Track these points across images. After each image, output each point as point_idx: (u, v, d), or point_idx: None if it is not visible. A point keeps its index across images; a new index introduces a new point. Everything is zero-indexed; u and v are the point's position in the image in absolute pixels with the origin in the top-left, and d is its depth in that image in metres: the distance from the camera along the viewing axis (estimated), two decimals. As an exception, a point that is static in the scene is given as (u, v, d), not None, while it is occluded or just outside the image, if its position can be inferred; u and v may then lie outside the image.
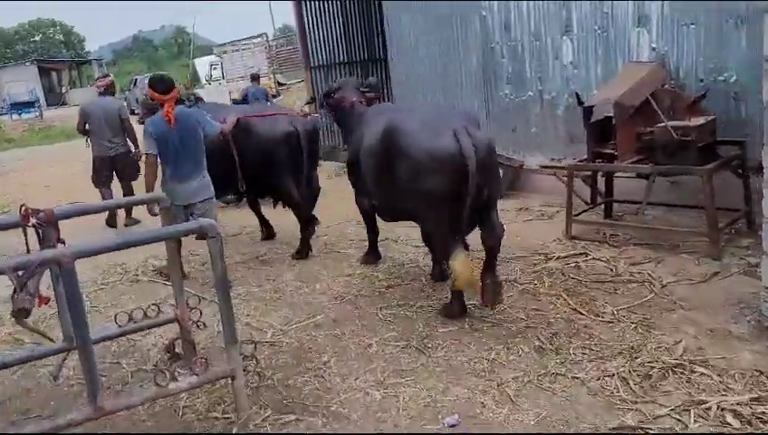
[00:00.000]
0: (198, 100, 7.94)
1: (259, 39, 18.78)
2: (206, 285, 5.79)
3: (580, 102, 6.13)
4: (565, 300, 4.77)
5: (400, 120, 4.51)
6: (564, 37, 7.09)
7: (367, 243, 6.09)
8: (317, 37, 11.51)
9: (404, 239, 6.59)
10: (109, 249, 3.14)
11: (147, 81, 5.84)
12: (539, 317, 4.55)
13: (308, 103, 9.46)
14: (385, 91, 12.11)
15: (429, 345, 4.29)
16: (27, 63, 44.81)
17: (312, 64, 11.42)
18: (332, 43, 11.70)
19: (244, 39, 19.47)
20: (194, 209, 5.40)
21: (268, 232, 7.30)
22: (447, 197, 4.19)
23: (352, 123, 5.45)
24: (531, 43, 7.45)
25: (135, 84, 27.67)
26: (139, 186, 7.82)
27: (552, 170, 6.60)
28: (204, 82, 22.31)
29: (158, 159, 5.34)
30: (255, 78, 14.33)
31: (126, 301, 5.72)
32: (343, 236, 7.09)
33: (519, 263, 5.70)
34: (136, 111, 27.24)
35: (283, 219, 7.08)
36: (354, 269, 5.96)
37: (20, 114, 33.65)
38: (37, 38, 71.53)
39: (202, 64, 22.20)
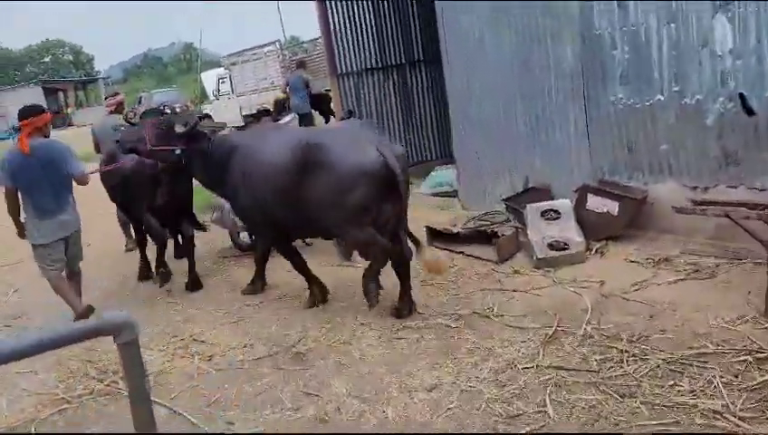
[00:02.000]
0: (206, 117, 6.61)
1: (271, 47, 16.75)
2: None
3: (748, 108, 4.12)
4: None
5: (316, 135, 4.80)
6: (718, 15, 4.93)
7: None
8: (344, 40, 9.44)
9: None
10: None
11: (153, 98, 7.16)
12: None
13: (344, 119, 7.37)
14: (428, 101, 10.06)
15: None
16: (31, 85, 43.38)
17: (338, 71, 9.34)
18: (363, 45, 9.62)
19: (255, 48, 17.44)
20: (68, 243, 5.29)
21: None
22: (375, 207, 4.50)
23: (220, 158, 5.18)
24: (662, 26, 5.29)
25: (140, 102, 25.81)
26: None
27: (720, 210, 4.40)
28: (212, 97, 20.32)
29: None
30: (302, 65, 13.78)
31: None
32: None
33: (705, 368, 3.54)
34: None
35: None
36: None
37: (22, 138, 32.09)
38: (47, 59, 71.12)
39: (209, 78, 20.23)
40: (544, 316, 4.55)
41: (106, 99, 8.43)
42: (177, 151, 5.28)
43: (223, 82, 18.86)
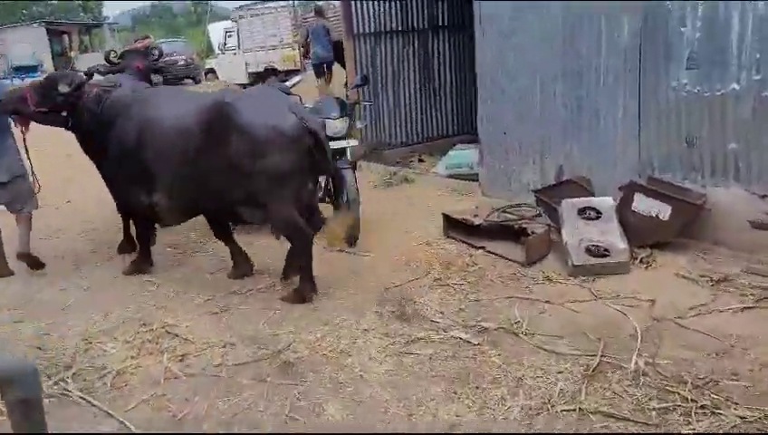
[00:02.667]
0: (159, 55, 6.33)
1: (285, 2, 15.67)
2: None
3: None
4: None
5: (231, 97, 4.33)
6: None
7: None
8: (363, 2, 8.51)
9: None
10: None
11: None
12: None
13: (358, 86, 6.53)
14: (449, 72, 9.18)
15: None
16: (35, 25, 41.98)
17: (355, 31, 8.44)
18: (383, 5, 8.69)
19: (268, 1, 16.35)
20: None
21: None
22: (296, 173, 4.20)
23: (110, 122, 4.75)
24: (748, 2, 4.43)
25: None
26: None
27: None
28: (217, 51, 19.28)
29: None
30: (319, 12, 13.25)
31: None
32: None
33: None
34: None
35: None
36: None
37: (22, 79, 31.15)
38: (54, 1, 69.46)
39: (216, 31, 19.16)
40: (584, 340, 3.79)
41: (135, 41, 7.99)
42: (64, 113, 4.90)
43: (230, 36, 17.80)
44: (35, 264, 5.39)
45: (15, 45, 37.30)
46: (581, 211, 5.07)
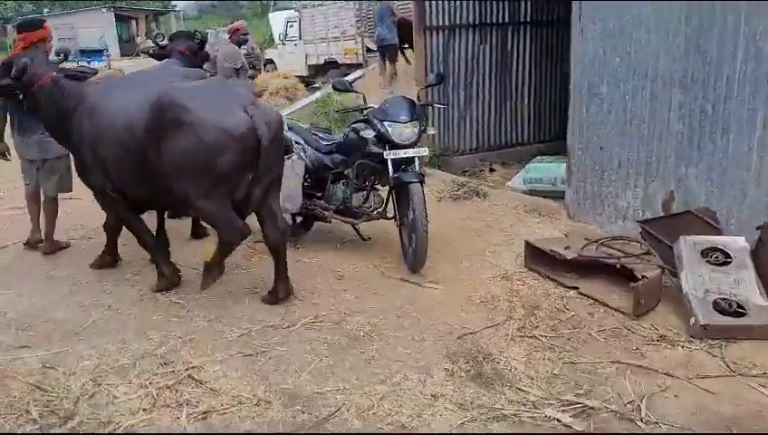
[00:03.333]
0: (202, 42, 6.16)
1: (352, 2, 14.86)
2: None
3: None
4: None
5: (176, 91, 4.03)
6: None
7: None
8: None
9: None
10: None
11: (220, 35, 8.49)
12: None
13: (432, 85, 5.68)
14: (529, 72, 8.22)
15: None
16: (104, 10, 42.78)
17: (427, 24, 7.55)
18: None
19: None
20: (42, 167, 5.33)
21: None
22: (235, 174, 3.93)
23: (67, 108, 4.53)
24: None
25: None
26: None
27: None
28: (277, 41, 18.65)
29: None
30: None
31: None
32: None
33: None
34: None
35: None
36: None
37: (88, 62, 31.66)
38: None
39: (277, 20, 18.53)
40: (727, 439, 2.84)
41: (231, 24, 8.25)
42: (20, 96, 4.73)
43: (291, 27, 17.15)
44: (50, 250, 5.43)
45: (84, 29, 38.15)
46: (705, 253, 4.07)
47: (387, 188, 5.16)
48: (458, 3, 7.76)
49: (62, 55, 5.15)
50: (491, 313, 4.16)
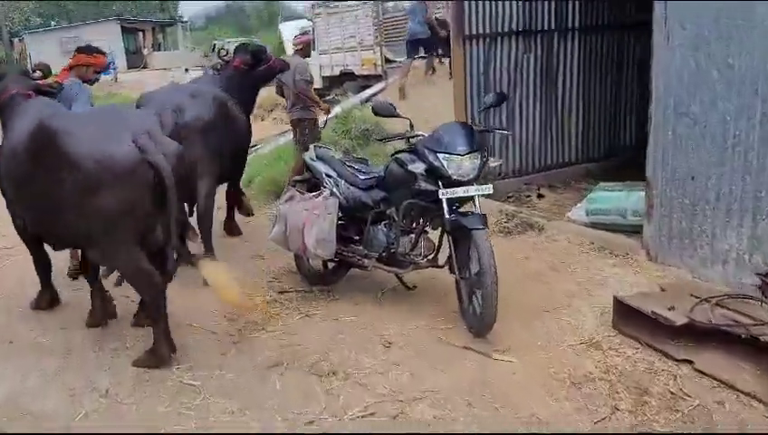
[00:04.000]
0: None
1: (369, 2, 13.96)
2: None
3: None
4: None
5: (58, 118, 3.75)
6: None
7: None
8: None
9: None
10: None
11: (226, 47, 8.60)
12: None
13: (490, 108, 4.83)
14: (578, 83, 7.35)
15: None
16: (111, 21, 42.38)
17: (466, 32, 6.69)
18: (499, 3, 6.90)
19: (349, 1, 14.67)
20: None
21: None
22: (135, 212, 3.53)
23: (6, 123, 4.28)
24: None
25: (213, 50, 23.72)
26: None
27: None
28: (289, 52, 17.81)
29: None
30: None
31: None
32: None
33: None
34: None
35: None
36: None
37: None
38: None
39: (289, 30, 17.68)
40: None
41: (295, 37, 8.00)
42: None
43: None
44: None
45: (92, 42, 37.69)
46: None
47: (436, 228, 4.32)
48: (501, 7, 6.90)
49: (38, 72, 4.92)
50: (587, 398, 3.28)
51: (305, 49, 7.73)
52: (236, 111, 5.63)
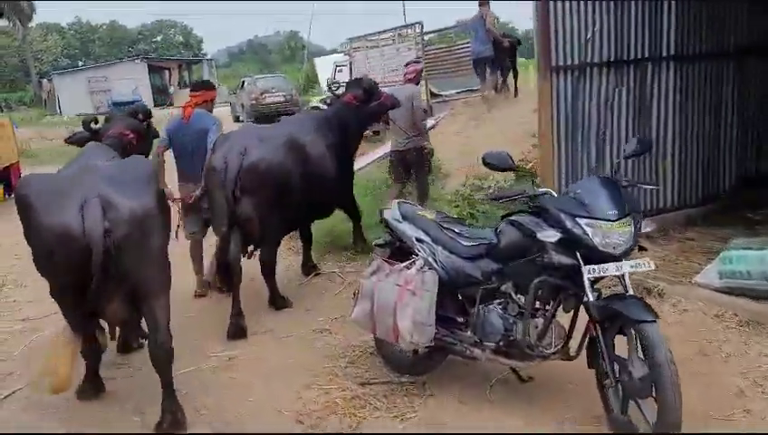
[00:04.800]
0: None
1: (411, 31, 13.21)
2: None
3: None
4: None
5: (29, 180, 3.82)
6: None
7: None
8: (566, 20, 5.89)
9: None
10: None
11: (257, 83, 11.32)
12: None
13: (634, 156, 3.91)
14: (674, 116, 6.46)
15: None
16: (137, 61, 42.61)
17: (554, 63, 5.84)
18: (590, 29, 6.03)
19: (388, 30, 13.92)
20: None
21: None
22: (70, 284, 3.54)
23: None
24: None
25: (242, 87, 23.23)
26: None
27: None
28: (324, 88, 17.15)
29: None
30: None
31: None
32: None
33: None
34: (240, 118, 22.96)
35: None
36: None
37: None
38: (158, 38, 72.85)
39: (324, 65, 17.00)
40: None
41: (406, 65, 7.50)
42: None
43: (340, 71, 15.61)
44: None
45: (118, 81, 37.85)
46: None
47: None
48: (590, 37, 6.04)
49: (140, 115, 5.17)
50: None
51: (417, 77, 7.42)
52: (318, 154, 5.38)
